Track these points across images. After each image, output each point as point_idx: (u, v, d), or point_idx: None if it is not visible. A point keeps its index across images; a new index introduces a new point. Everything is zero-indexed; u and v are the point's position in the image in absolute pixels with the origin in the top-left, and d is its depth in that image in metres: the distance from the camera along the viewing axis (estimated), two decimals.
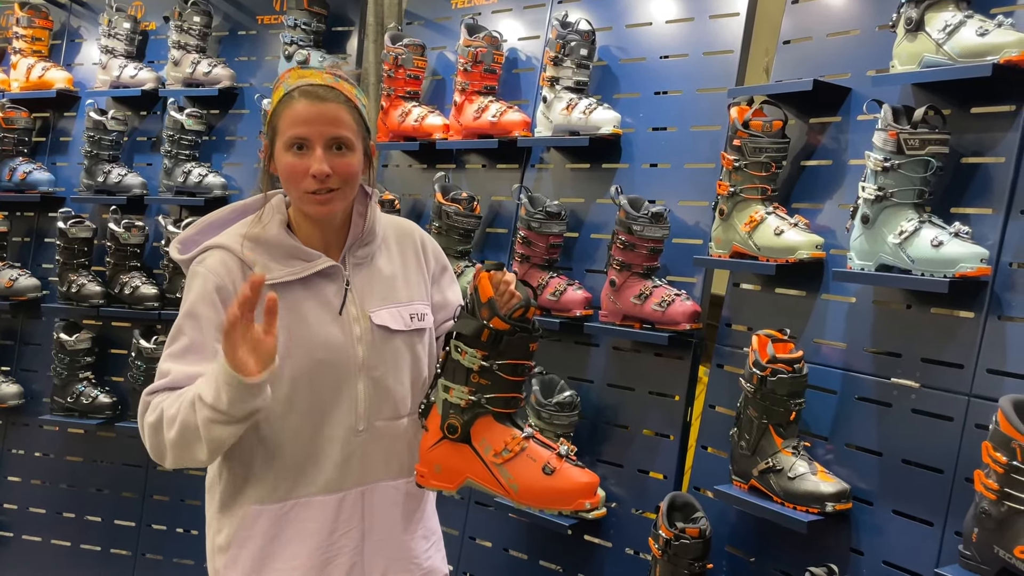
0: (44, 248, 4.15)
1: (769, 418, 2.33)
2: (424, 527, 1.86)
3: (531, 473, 1.61)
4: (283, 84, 1.68)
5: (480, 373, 1.62)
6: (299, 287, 1.69)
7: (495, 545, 3.19)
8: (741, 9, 2.83)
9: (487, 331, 1.59)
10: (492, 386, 1.62)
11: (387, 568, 1.78)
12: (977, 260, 2.04)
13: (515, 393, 1.66)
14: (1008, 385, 2.05)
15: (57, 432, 3.98)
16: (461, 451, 1.66)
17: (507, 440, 1.63)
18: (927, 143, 2.10)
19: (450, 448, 1.67)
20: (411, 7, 3.85)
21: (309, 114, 1.63)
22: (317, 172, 1.62)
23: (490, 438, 1.64)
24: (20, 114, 4.04)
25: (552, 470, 1.60)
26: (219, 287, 1.65)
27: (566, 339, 3.05)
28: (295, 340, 1.65)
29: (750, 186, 2.49)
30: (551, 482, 1.60)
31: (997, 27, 2.07)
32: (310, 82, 1.66)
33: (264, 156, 1.73)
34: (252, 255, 1.67)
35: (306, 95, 1.64)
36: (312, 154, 1.63)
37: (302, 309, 1.68)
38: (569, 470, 1.62)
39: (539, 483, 1.60)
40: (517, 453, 1.62)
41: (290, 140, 1.63)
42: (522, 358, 1.63)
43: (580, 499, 1.60)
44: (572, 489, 1.60)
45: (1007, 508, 1.83)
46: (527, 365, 1.65)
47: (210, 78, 3.76)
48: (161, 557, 3.84)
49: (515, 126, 3.16)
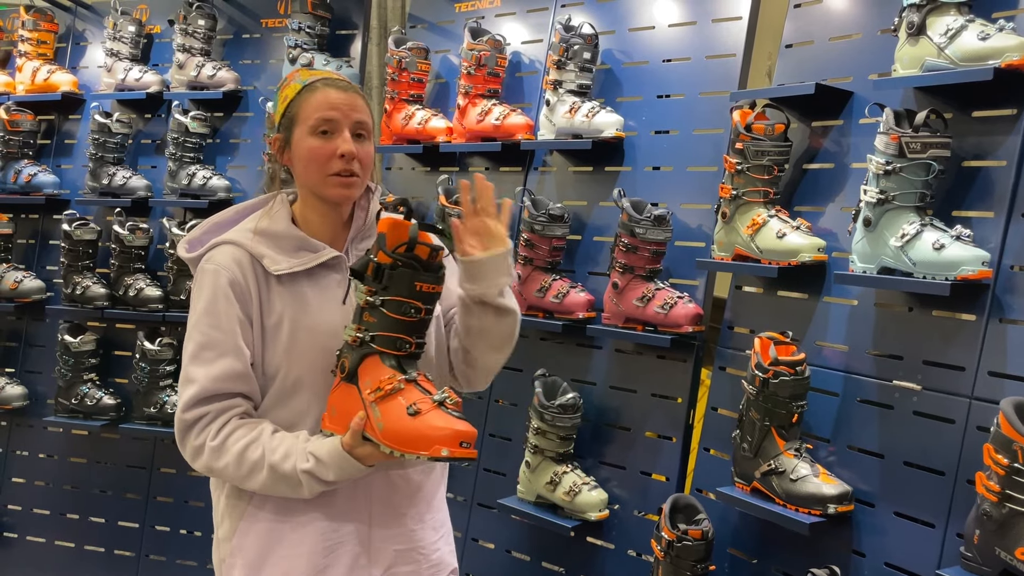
0: (49, 250, 4.15)
1: (771, 420, 2.34)
2: (433, 518, 1.86)
3: (397, 413, 1.55)
4: (295, 80, 1.74)
5: (367, 310, 1.60)
6: (304, 277, 1.72)
7: (497, 547, 3.20)
8: (744, 13, 2.84)
9: (371, 264, 1.58)
10: (377, 323, 1.59)
11: (395, 559, 1.78)
12: (978, 263, 2.05)
13: (402, 334, 1.60)
14: (1009, 387, 2.06)
15: (61, 433, 3.99)
16: (350, 392, 1.62)
17: (383, 379, 1.58)
18: (929, 146, 2.11)
19: (343, 389, 1.64)
20: (415, 10, 3.86)
21: (337, 100, 1.70)
22: (347, 152, 1.69)
23: (372, 377, 1.59)
24: (25, 116, 4.05)
25: (416, 411, 1.54)
26: (232, 281, 1.68)
27: (569, 341, 3.06)
28: (301, 328, 1.69)
29: (752, 189, 2.50)
30: (412, 423, 1.54)
31: (998, 31, 2.08)
32: (328, 76, 1.75)
33: (276, 148, 1.77)
34: (260, 248, 1.71)
35: (330, 84, 1.73)
36: (339, 136, 1.70)
37: (307, 298, 1.71)
38: (436, 415, 1.55)
39: (401, 423, 1.54)
40: (388, 392, 1.57)
41: (317, 123, 1.69)
42: (407, 296, 1.58)
43: (437, 445, 1.52)
44: (431, 434, 1.52)
45: (1008, 510, 1.84)
46: (414, 304, 1.59)
47: (214, 81, 3.77)
48: (164, 558, 3.85)
49: (518, 129, 3.17)
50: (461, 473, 3.30)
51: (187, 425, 1.68)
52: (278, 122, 1.76)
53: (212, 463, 1.67)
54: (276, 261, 1.70)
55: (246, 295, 1.69)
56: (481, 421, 3.27)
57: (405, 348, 1.62)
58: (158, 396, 3.68)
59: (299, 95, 1.72)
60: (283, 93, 1.75)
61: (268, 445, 1.64)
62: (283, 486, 1.65)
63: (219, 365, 1.66)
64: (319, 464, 1.61)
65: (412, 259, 1.59)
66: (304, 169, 1.73)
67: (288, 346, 1.68)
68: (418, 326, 1.63)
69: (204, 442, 1.67)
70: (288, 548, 1.71)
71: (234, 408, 1.68)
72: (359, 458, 1.60)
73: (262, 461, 1.63)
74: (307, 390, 1.70)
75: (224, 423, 1.67)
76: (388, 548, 1.77)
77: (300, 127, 1.71)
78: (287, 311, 1.70)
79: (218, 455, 1.66)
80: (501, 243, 1.77)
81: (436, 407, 1.56)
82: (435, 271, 1.62)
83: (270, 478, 1.64)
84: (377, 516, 1.76)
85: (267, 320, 1.70)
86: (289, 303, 1.70)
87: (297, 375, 1.70)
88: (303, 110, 1.71)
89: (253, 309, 1.69)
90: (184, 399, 1.68)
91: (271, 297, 1.70)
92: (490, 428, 3.27)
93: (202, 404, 1.67)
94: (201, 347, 1.68)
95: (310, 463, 1.61)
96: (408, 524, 1.80)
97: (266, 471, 1.63)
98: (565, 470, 2.83)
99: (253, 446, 1.64)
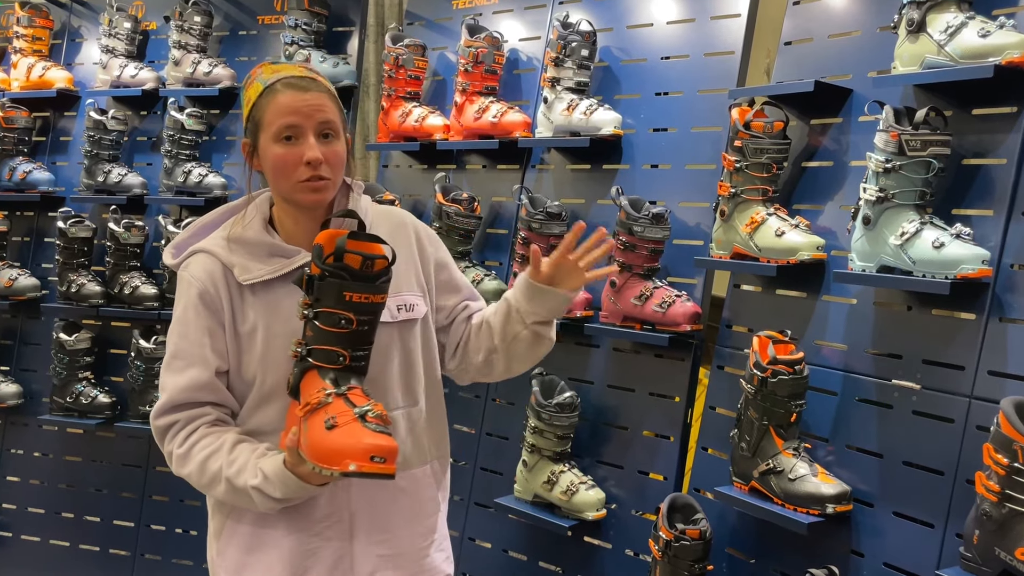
0: (44, 248, 4.14)
1: (770, 419, 2.33)
2: (422, 524, 1.81)
3: (317, 427, 1.50)
4: (258, 79, 1.68)
5: (306, 324, 1.56)
6: (279, 285, 1.69)
7: (494, 546, 3.19)
8: (742, 10, 2.83)
9: (304, 277, 1.54)
10: (314, 337, 1.55)
11: (378, 564, 1.74)
12: (978, 262, 2.04)
13: (336, 347, 1.54)
14: (1009, 387, 2.05)
15: (56, 432, 3.97)
16: (294, 407, 1.59)
17: (313, 393, 1.54)
18: (928, 144, 2.10)
19: (292, 405, 1.61)
20: (412, 7, 3.85)
21: (297, 103, 1.63)
22: (312, 159, 1.62)
23: (306, 392, 1.56)
24: (20, 113, 4.04)
25: (333, 425, 1.48)
26: (201, 292, 1.67)
27: (566, 340, 3.05)
28: (275, 335, 1.66)
29: (751, 187, 2.49)
30: (328, 437, 1.48)
31: (999, 28, 2.07)
32: (289, 74, 1.67)
33: (245, 152, 1.74)
34: (232, 257, 1.68)
35: (290, 86, 1.64)
36: (304, 142, 1.63)
37: (281, 305, 1.68)
38: (352, 429, 1.48)
39: (317, 437, 1.49)
40: (315, 407, 1.51)
41: (279, 130, 1.63)
42: (336, 307, 1.52)
43: (347, 459, 1.45)
44: (342, 448, 1.45)
45: (1008, 510, 1.83)
46: (344, 316, 1.52)
47: (210, 78, 3.76)
48: (160, 557, 3.84)
49: (516, 127, 3.15)
50: (457, 473, 3.29)
51: (159, 432, 1.70)
52: (245, 125, 1.71)
53: (179, 469, 1.68)
54: (247, 270, 1.67)
55: (217, 304, 1.66)
56: (478, 420, 3.27)
57: (339, 361, 1.55)
58: (154, 394, 3.66)
59: (261, 97, 1.66)
60: (247, 94, 1.70)
61: (226, 458, 1.62)
62: (241, 498, 1.63)
63: (187, 375, 1.66)
64: (266, 481, 1.58)
65: (341, 269, 1.53)
66: (273, 177, 1.69)
67: (263, 353, 1.66)
68: (353, 338, 1.55)
69: (172, 450, 1.68)
70: (266, 552, 1.69)
71: (203, 417, 1.67)
72: (300, 476, 1.55)
73: (220, 474, 1.62)
74: (283, 397, 1.66)
75: (191, 431, 1.66)
76: (371, 553, 1.73)
77: (264, 133, 1.66)
78: (260, 319, 1.67)
79: (183, 463, 1.66)
80: (572, 287, 1.79)
81: (355, 420, 1.49)
82: (370, 280, 1.54)
83: (228, 490, 1.62)
84: (359, 520, 1.72)
85: (241, 328, 1.67)
86: (262, 311, 1.67)
87: (273, 382, 1.67)
88: (265, 115, 1.65)
89: (226, 318, 1.67)
90: (156, 406, 1.69)
91: (244, 306, 1.68)
92: (487, 427, 3.26)
93: (171, 412, 1.67)
94: (172, 356, 1.69)
95: (258, 479, 1.58)
96: (392, 530, 1.76)
97: (223, 484, 1.62)
98: (562, 469, 2.82)
99: (214, 457, 1.63)
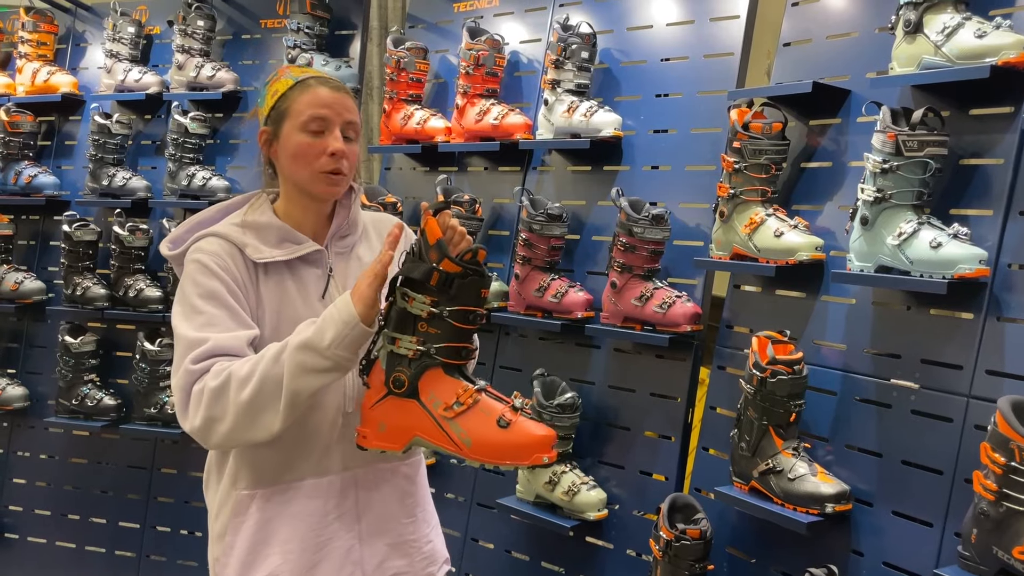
0: (49, 251, 4.16)
1: (769, 419, 2.34)
2: (424, 511, 1.87)
3: (485, 427, 1.52)
4: (286, 76, 1.75)
5: (429, 321, 1.53)
6: (286, 269, 1.73)
7: (497, 547, 3.20)
8: (741, 12, 2.84)
9: (437, 274, 1.50)
10: (442, 335, 1.53)
11: (387, 553, 1.79)
12: (976, 261, 2.05)
13: (466, 343, 1.57)
14: (1007, 386, 2.05)
15: (62, 434, 4.00)
16: (408, 407, 1.56)
17: (459, 393, 1.54)
18: (926, 145, 2.11)
19: (395, 404, 1.57)
20: (413, 10, 3.86)
21: (331, 98, 1.71)
22: (337, 150, 1.70)
23: (439, 391, 1.54)
24: (25, 118, 4.05)
25: (508, 423, 1.52)
26: (224, 267, 1.67)
27: (567, 341, 3.06)
28: (284, 319, 1.69)
29: (750, 188, 2.50)
30: (506, 436, 1.51)
31: (995, 29, 2.08)
32: (320, 74, 1.76)
33: (263, 141, 1.77)
34: (245, 238, 1.72)
35: (324, 83, 1.74)
36: (331, 134, 1.71)
37: (289, 290, 1.72)
38: (525, 423, 1.54)
39: (494, 437, 1.52)
40: (469, 406, 1.53)
41: (309, 120, 1.70)
42: (473, 304, 1.54)
43: (537, 453, 1.51)
44: (528, 443, 1.52)
45: (1006, 509, 1.84)
46: (478, 312, 1.56)
47: (214, 82, 3.77)
48: (165, 559, 3.85)
49: (516, 129, 3.17)
50: (460, 473, 3.31)
51: (192, 375, 1.58)
52: (267, 115, 1.75)
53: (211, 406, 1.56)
54: (259, 250, 1.71)
55: (236, 277, 1.69)
56: None
57: (463, 356, 1.58)
58: (158, 396, 3.68)
59: (291, 90, 1.72)
60: (273, 87, 1.75)
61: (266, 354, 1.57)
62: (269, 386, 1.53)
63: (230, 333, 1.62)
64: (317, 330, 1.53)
65: (478, 267, 1.54)
66: (292, 164, 1.72)
67: (271, 336, 1.67)
68: (474, 332, 1.60)
69: (205, 385, 1.57)
70: (277, 546, 1.71)
71: None
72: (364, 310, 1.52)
73: (256, 365, 1.55)
74: None
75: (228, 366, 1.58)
76: (380, 543, 1.78)
77: (290, 122, 1.71)
78: (271, 301, 1.71)
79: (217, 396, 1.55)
80: None
81: (518, 415, 1.55)
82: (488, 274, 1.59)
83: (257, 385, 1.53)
84: (366, 511, 1.76)
85: (255, 308, 1.70)
86: (273, 293, 1.71)
87: None
88: (295, 105, 1.71)
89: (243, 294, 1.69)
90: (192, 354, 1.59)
91: (257, 286, 1.71)
92: None
93: (210, 358, 1.59)
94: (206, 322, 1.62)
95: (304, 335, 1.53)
96: (399, 518, 1.81)
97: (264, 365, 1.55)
98: (564, 470, 2.83)
99: (251, 363, 1.57)
